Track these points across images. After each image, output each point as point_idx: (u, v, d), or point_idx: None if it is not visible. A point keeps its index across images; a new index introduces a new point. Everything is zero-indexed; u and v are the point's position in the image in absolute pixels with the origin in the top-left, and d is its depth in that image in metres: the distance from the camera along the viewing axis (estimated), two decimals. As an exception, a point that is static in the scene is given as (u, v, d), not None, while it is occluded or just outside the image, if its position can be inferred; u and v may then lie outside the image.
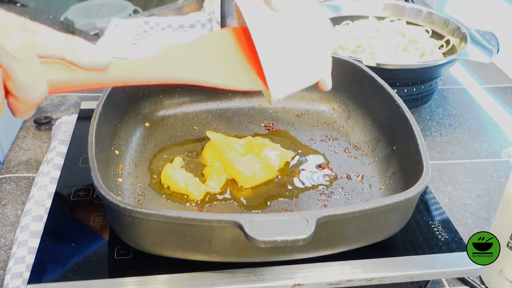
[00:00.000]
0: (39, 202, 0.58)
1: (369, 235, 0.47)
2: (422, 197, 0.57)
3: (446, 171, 0.73)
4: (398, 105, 0.59)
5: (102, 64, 0.40)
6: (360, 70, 0.67)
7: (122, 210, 0.42)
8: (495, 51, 0.81)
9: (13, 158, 0.71)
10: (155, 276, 0.46)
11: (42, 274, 0.46)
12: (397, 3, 0.96)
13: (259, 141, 0.63)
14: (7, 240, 0.58)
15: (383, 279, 0.47)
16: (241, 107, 0.72)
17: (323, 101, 0.73)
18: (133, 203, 0.54)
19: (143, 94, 0.68)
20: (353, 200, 0.57)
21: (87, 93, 0.88)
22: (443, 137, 0.81)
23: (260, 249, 0.44)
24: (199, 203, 0.55)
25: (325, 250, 0.47)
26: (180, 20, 1.10)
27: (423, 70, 0.79)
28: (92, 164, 0.47)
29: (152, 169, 0.60)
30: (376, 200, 0.55)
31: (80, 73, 0.39)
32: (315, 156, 0.63)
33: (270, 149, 0.60)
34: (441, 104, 0.89)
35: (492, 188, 0.70)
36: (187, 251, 0.45)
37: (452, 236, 0.52)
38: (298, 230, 0.40)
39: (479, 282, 0.56)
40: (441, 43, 0.89)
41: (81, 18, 1.35)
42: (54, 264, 0.47)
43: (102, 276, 0.46)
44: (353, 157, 0.64)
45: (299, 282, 0.46)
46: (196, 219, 0.42)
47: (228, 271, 0.46)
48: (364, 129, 0.67)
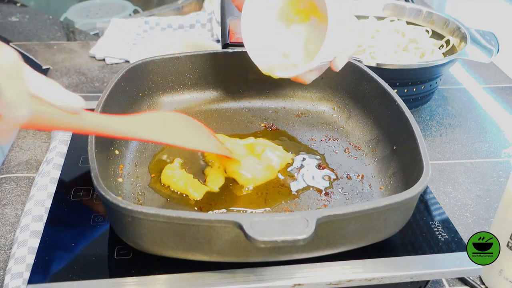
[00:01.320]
0: (39, 202, 0.58)
1: (369, 235, 0.47)
2: (422, 197, 0.57)
3: (446, 171, 0.73)
4: (398, 105, 0.59)
5: (76, 107, 0.42)
6: (360, 70, 0.67)
7: (122, 210, 0.42)
8: (495, 51, 0.81)
9: (13, 158, 0.71)
10: (155, 276, 0.46)
11: (42, 274, 0.46)
12: (397, 3, 0.96)
13: (261, 142, 0.63)
14: (7, 240, 0.58)
15: (383, 279, 0.47)
16: (241, 107, 0.72)
17: (323, 101, 0.73)
18: (133, 203, 0.54)
19: (143, 94, 0.68)
20: (353, 200, 0.57)
21: (87, 93, 0.88)
22: (443, 137, 0.81)
23: (260, 249, 0.44)
24: (199, 203, 0.55)
25: (325, 250, 0.47)
26: (180, 20, 1.10)
27: (423, 70, 0.78)
28: (92, 164, 0.47)
29: (152, 169, 0.60)
30: (376, 200, 0.55)
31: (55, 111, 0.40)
32: (315, 156, 0.63)
33: (271, 150, 0.60)
34: (441, 104, 0.89)
35: (492, 188, 0.70)
36: (187, 251, 0.45)
37: (452, 236, 0.52)
38: (298, 230, 0.40)
39: (479, 282, 0.56)
40: (441, 43, 0.88)
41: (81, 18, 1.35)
42: (54, 264, 0.47)
43: (102, 276, 0.46)
44: (353, 157, 0.64)
45: (299, 282, 0.46)
46: (196, 219, 0.42)
47: (228, 271, 0.46)
48: (364, 129, 0.67)
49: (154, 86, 0.69)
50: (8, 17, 1.18)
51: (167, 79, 0.70)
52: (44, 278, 0.45)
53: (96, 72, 0.95)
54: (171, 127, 0.53)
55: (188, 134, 0.55)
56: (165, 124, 0.53)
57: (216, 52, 0.71)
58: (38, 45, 1.05)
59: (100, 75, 0.94)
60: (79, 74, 0.94)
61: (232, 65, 0.71)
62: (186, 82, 0.71)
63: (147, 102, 0.68)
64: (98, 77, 0.93)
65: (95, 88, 0.90)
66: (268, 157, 0.59)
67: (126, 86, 0.64)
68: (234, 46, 0.70)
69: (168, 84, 0.70)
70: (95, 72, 0.95)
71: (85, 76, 0.93)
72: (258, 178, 0.57)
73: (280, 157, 0.60)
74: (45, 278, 0.45)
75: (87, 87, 0.90)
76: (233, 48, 0.70)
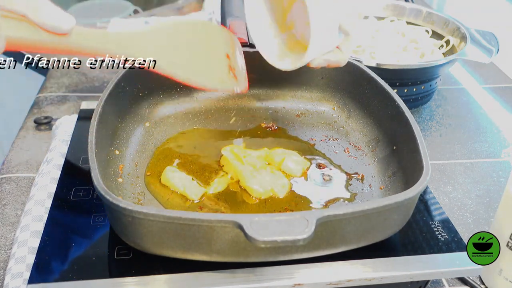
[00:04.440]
0: (39, 202, 0.58)
1: (369, 235, 0.47)
2: (422, 197, 0.57)
3: (446, 171, 0.73)
4: (398, 105, 0.59)
5: (65, 29, 0.38)
6: (360, 70, 0.67)
7: (122, 210, 0.42)
8: (495, 51, 0.81)
9: (13, 158, 0.71)
10: (155, 276, 0.46)
11: (42, 274, 0.46)
12: (397, 3, 0.96)
13: (278, 152, 0.62)
14: (7, 240, 0.58)
15: (383, 279, 0.47)
16: (241, 107, 0.72)
17: (323, 101, 0.73)
18: (133, 203, 0.54)
19: (143, 94, 0.68)
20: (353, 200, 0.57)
21: (87, 93, 0.88)
22: (443, 137, 0.81)
23: (260, 249, 0.44)
24: (199, 203, 0.55)
25: (325, 250, 0.47)
26: (180, 20, 1.10)
27: (423, 70, 0.79)
28: (92, 164, 0.47)
29: (152, 169, 0.60)
30: (376, 200, 0.55)
31: (41, 34, 0.37)
32: (315, 157, 0.63)
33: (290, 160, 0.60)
34: (441, 104, 0.89)
35: (492, 188, 0.70)
36: (187, 251, 0.45)
37: (452, 236, 0.52)
38: (298, 230, 0.40)
39: (479, 282, 0.56)
40: (441, 43, 0.89)
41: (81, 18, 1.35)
42: (54, 264, 0.47)
43: (102, 276, 0.46)
44: (353, 157, 0.64)
45: (299, 282, 0.46)
46: (196, 219, 0.42)
47: (228, 271, 0.46)
48: (364, 129, 0.67)
49: (154, 86, 0.69)
50: (8, 17, 1.18)
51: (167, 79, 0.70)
52: (44, 278, 0.45)
53: (96, 72, 0.95)
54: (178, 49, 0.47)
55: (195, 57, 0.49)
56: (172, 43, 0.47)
57: (216, 52, 0.71)
58: (38, 45, 1.05)
59: (100, 75, 0.94)
60: (79, 74, 0.94)
61: (232, 65, 0.71)
62: (186, 82, 0.71)
63: (147, 102, 0.68)
64: (98, 77, 0.93)
65: (95, 88, 0.90)
66: (288, 167, 0.59)
67: (126, 86, 0.64)
68: (234, 46, 0.71)
69: (168, 84, 0.70)
70: (95, 72, 0.95)
71: (85, 76, 0.93)
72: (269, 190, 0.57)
73: (300, 164, 0.60)
74: (45, 278, 0.45)
75: (87, 87, 0.90)
76: (233, 48, 0.70)
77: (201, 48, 0.51)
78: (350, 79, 0.69)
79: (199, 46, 0.51)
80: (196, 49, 0.50)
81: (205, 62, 0.51)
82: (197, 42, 0.51)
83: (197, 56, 0.50)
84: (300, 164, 0.60)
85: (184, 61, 0.48)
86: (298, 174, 0.59)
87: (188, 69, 0.48)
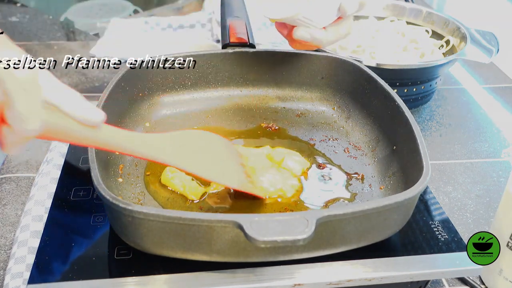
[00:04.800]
0: (39, 202, 0.58)
1: (369, 235, 0.47)
2: (422, 197, 0.57)
3: (446, 171, 0.73)
4: (398, 105, 0.59)
5: (95, 121, 0.40)
6: (360, 70, 0.67)
7: (122, 210, 0.42)
8: (495, 51, 0.81)
9: (13, 158, 0.71)
10: (155, 276, 0.46)
11: (42, 274, 0.46)
12: (397, 3, 0.96)
13: (278, 151, 0.62)
14: (7, 240, 0.58)
15: (383, 279, 0.47)
16: (241, 107, 0.72)
17: (323, 101, 0.73)
18: (133, 203, 0.54)
19: (143, 94, 0.68)
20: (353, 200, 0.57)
21: (87, 93, 0.88)
22: (443, 137, 0.81)
23: (260, 249, 0.44)
24: (199, 203, 0.55)
25: (325, 250, 0.47)
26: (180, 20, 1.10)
27: (423, 70, 0.79)
28: (92, 164, 0.47)
29: (152, 169, 0.60)
30: (376, 200, 0.55)
31: (72, 124, 0.39)
32: (315, 157, 0.63)
33: (290, 159, 0.60)
34: (441, 104, 0.89)
35: (492, 188, 0.70)
36: (187, 251, 0.45)
37: (452, 236, 0.52)
38: (298, 230, 0.40)
39: (479, 282, 0.56)
40: (441, 43, 0.89)
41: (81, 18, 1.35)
42: (54, 264, 0.47)
43: (102, 276, 0.46)
44: (353, 157, 0.64)
45: (299, 282, 0.46)
46: (196, 219, 0.42)
47: (228, 271, 0.46)
48: (364, 129, 0.67)
49: (154, 86, 0.69)
50: (8, 17, 1.19)
51: (167, 79, 0.70)
52: (44, 278, 0.45)
53: (96, 72, 0.95)
54: (197, 152, 0.51)
55: (213, 161, 0.53)
56: (190, 148, 0.51)
57: (216, 52, 0.71)
58: (38, 45, 1.05)
59: (100, 75, 0.94)
60: (79, 74, 0.94)
61: (232, 65, 0.71)
62: (186, 82, 0.71)
63: (147, 102, 0.68)
64: (98, 77, 0.93)
65: (95, 88, 0.90)
66: (289, 166, 0.59)
67: (126, 86, 0.64)
68: (234, 46, 0.70)
69: (168, 84, 0.70)
70: (95, 72, 0.95)
71: (85, 76, 0.93)
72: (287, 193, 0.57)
73: (300, 164, 0.60)
74: (45, 278, 0.45)
75: (87, 87, 0.90)
76: (233, 48, 0.70)
77: (214, 153, 0.55)
78: (350, 79, 0.69)
79: (211, 151, 0.55)
80: (210, 153, 0.54)
81: (222, 165, 0.54)
82: (207, 147, 0.54)
83: (213, 159, 0.54)
84: (301, 164, 0.60)
85: (203, 162, 0.52)
86: (298, 174, 0.60)
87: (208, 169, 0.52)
